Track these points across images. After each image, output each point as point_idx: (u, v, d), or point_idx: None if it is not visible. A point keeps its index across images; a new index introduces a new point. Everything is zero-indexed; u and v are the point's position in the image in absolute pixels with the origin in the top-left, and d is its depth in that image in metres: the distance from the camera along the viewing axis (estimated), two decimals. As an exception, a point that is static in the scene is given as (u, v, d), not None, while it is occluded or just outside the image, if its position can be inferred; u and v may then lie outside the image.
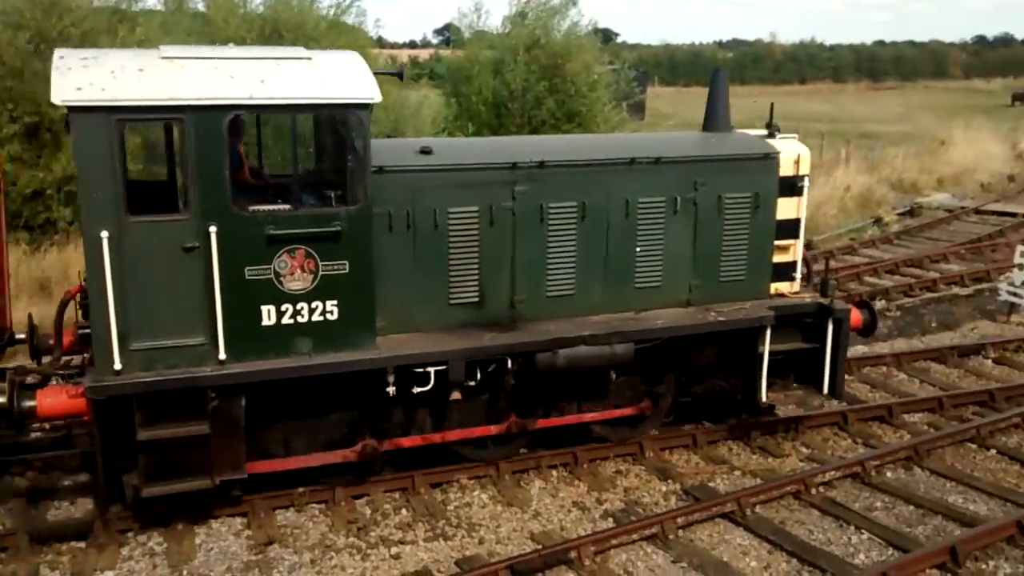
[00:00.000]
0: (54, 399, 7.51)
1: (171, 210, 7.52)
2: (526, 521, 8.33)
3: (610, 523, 8.30)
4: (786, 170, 9.74)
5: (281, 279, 7.52)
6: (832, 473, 9.35)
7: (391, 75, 9.12)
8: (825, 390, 9.93)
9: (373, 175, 7.65)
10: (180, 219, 7.26)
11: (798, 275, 10.13)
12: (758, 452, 9.98)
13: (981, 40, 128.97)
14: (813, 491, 9.03)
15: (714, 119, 10.05)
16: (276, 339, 7.56)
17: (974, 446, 10.23)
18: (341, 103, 7.59)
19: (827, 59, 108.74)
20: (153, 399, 7.25)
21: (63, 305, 8.25)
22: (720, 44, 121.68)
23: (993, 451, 10.13)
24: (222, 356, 7.38)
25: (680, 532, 8.13)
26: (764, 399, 9.70)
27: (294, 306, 7.58)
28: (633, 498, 8.84)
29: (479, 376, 8.40)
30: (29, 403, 7.43)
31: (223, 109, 7.19)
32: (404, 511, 8.43)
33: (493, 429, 8.93)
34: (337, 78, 7.68)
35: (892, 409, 10.90)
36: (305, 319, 7.63)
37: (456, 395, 8.40)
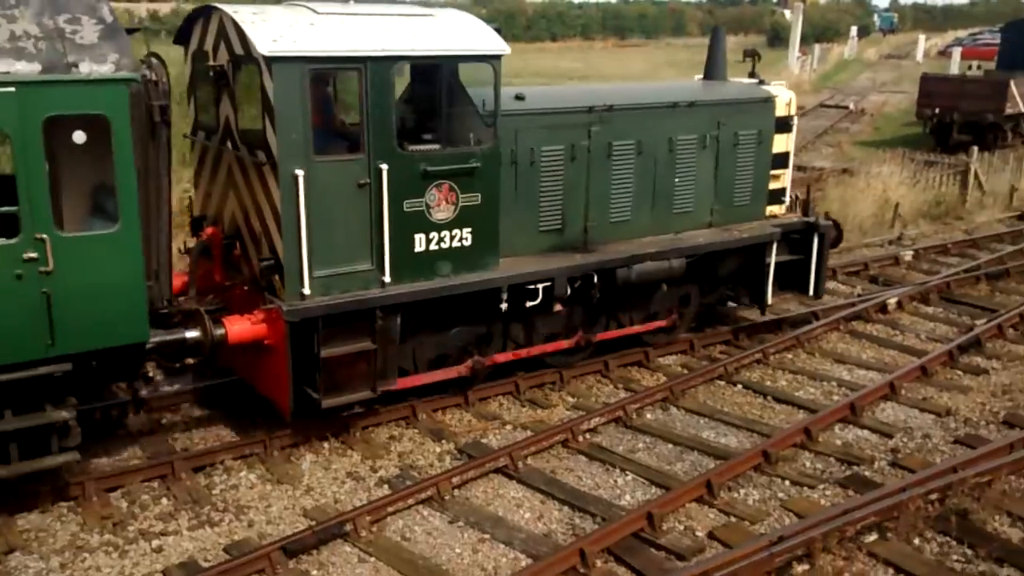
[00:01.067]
0: (240, 327, 8.35)
1: (348, 150, 8.47)
2: (298, 498, 8.08)
3: (386, 490, 8.21)
4: (780, 111, 11.79)
5: (430, 210, 8.78)
6: (597, 419, 9.70)
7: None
8: (811, 293, 12.19)
9: None
10: (356, 158, 8.31)
11: (787, 199, 12.27)
12: (528, 405, 10.19)
13: (714, 0, 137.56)
14: (580, 438, 9.34)
15: (714, 70, 12.13)
16: (425, 263, 8.87)
17: (723, 383, 10.96)
18: (483, 54, 8.88)
19: (576, 17, 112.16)
20: (334, 320, 8.29)
21: (200, 246, 8.96)
22: (475, 1, 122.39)
23: (739, 386, 10.88)
24: (387, 279, 8.58)
25: (456, 492, 8.17)
26: (769, 301, 11.91)
27: (439, 234, 8.89)
28: (408, 462, 8.79)
29: (569, 291, 9.92)
30: (220, 332, 8.26)
31: (392, 60, 8.27)
32: (164, 500, 7.94)
33: (564, 343, 10.50)
34: (470, 33, 9.03)
35: (648, 354, 11.44)
36: (447, 245, 8.99)
37: (559, 307, 10.05)
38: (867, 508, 7.80)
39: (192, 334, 8.20)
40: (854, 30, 75.16)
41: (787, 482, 8.65)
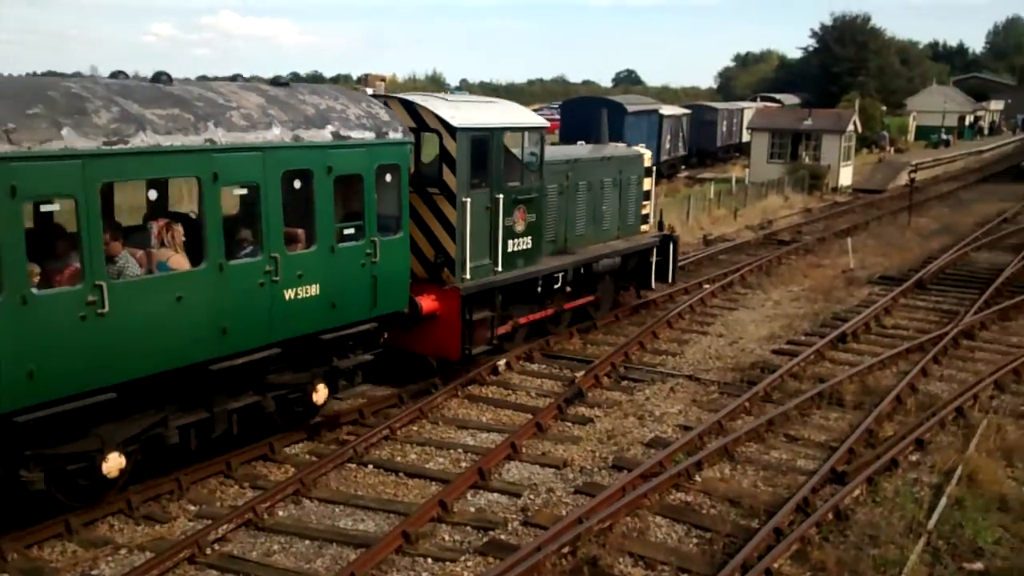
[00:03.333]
0: (427, 303, 12.79)
1: (482, 186, 13.33)
2: None
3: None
4: (646, 163, 18.43)
5: (515, 224, 13.96)
6: (225, 526, 9.00)
7: None
8: (671, 280, 18.53)
9: None
10: (486, 191, 13.36)
11: (651, 220, 18.81)
12: (143, 522, 9.25)
13: (297, 76, 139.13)
14: (208, 551, 8.61)
15: (601, 137, 18.54)
16: (512, 259, 14.01)
17: (354, 465, 10.71)
18: (541, 127, 14.69)
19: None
20: (478, 296, 13.26)
21: None
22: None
23: (371, 466, 10.73)
24: (499, 269, 13.75)
25: (65, 642, 6.99)
26: (653, 286, 18.33)
27: (519, 240, 14.05)
28: (0, 617, 7.40)
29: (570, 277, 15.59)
30: (418, 306, 12.63)
31: (503, 130, 13.70)
32: None
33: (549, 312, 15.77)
34: (525, 113, 15.03)
35: (273, 446, 10.85)
36: (520, 248, 14.16)
37: (569, 288, 15.68)
38: (508, 574, 7.89)
39: (404, 308, 12.33)
40: (433, 107, 79.51)
41: (430, 560, 8.65)
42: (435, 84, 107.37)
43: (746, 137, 50.99)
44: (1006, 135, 77.19)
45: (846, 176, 42.48)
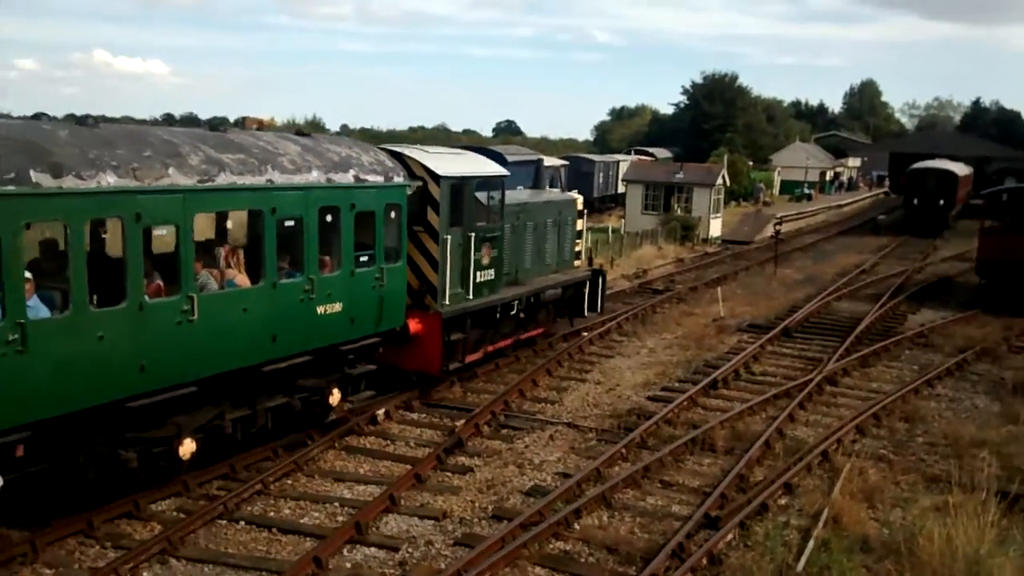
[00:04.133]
0: (414, 324, 14.86)
1: (458, 226, 15.66)
2: None
3: None
4: (579, 207, 21.66)
5: (482, 259, 16.22)
6: (83, 591, 8.46)
7: None
8: (599, 310, 21.32)
9: None
10: (461, 230, 15.64)
11: (583, 257, 21.81)
12: (-10, 593, 8.55)
13: (170, 116, 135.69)
14: (64, 619, 8.04)
15: (539, 183, 23.54)
16: (480, 288, 16.30)
17: (224, 522, 10.37)
18: (503, 176, 17.10)
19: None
20: (454, 320, 15.49)
21: None
22: None
23: (242, 523, 10.40)
24: (470, 297, 15.97)
25: None
26: (586, 314, 20.92)
27: (484, 272, 16.34)
28: None
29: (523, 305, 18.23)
30: (407, 326, 14.73)
31: (475, 178, 16.19)
32: None
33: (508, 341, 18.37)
34: (492, 164, 17.46)
35: (139, 503, 10.39)
36: (485, 279, 16.44)
37: (522, 315, 18.05)
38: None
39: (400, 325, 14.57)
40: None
41: (304, 619, 8.27)
42: (315, 128, 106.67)
43: (621, 188, 52.47)
44: (863, 190, 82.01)
45: (716, 228, 44.19)
